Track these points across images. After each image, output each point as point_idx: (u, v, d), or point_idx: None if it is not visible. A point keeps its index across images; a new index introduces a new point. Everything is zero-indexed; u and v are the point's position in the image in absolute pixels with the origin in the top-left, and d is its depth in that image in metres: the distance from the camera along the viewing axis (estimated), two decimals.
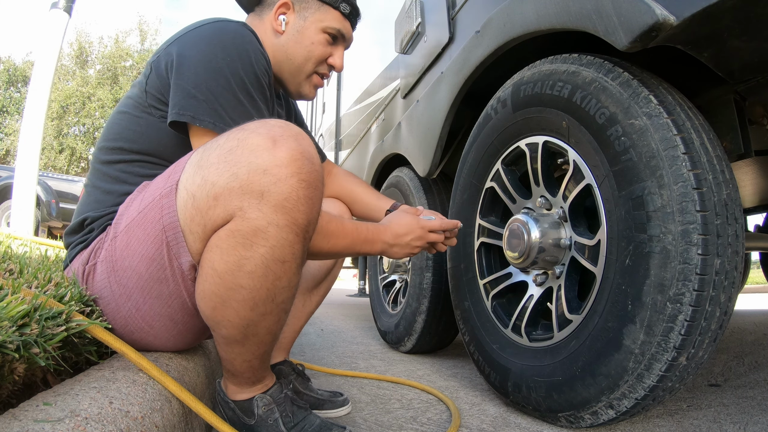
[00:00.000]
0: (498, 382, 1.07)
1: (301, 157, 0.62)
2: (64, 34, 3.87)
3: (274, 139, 0.61)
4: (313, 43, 0.93)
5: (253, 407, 0.75)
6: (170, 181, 0.68)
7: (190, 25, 0.84)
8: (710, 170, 0.74)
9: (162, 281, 0.69)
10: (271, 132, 0.62)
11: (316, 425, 0.78)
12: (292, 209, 0.61)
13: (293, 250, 0.64)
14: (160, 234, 0.67)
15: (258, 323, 0.67)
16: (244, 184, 0.60)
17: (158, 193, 0.68)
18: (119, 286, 0.70)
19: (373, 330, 2.57)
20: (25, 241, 2.28)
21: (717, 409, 1.02)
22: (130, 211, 0.72)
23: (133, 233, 0.69)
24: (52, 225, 5.86)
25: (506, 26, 1.10)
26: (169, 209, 0.66)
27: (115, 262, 0.71)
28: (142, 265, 0.68)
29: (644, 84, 0.80)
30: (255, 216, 0.60)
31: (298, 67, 0.94)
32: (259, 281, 0.63)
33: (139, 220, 0.69)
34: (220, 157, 0.62)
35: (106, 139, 0.84)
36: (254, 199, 0.60)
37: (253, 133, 0.62)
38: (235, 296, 0.63)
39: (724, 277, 0.72)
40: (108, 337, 0.62)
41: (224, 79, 0.76)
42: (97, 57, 17.32)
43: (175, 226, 0.65)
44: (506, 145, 1.13)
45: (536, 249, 0.99)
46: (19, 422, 0.40)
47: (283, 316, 0.70)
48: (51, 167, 15.78)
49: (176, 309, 0.71)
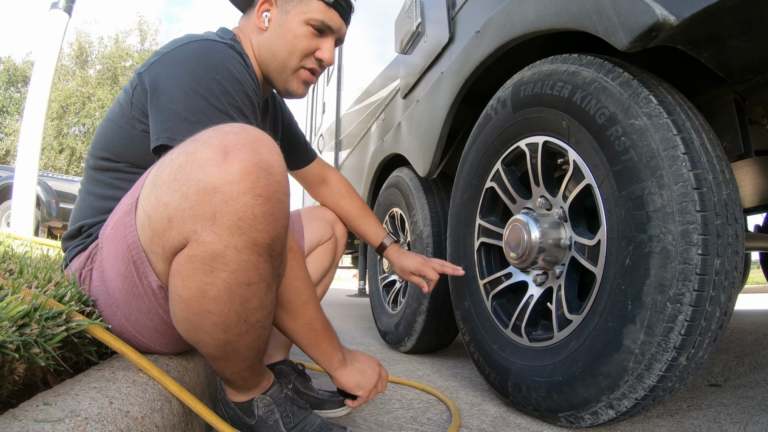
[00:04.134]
0: (498, 382, 1.07)
1: (255, 170, 0.55)
2: (64, 34, 3.87)
3: (226, 150, 0.55)
4: (296, 36, 0.88)
5: (253, 408, 0.75)
6: (132, 197, 0.65)
7: (178, 39, 0.81)
8: (710, 170, 0.74)
9: (138, 297, 0.68)
10: (223, 142, 0.56)
11: (316, 425, 0.78)
12: (250, 229, 0.56)
13: (258, 271, 0.59)
14: (126, 253, 0.65)
15: (236, 342, 0.64)
16: (195, 205, 0.55)
17: (123, 210, 0.66)
18: (108, 295, 0.70)
19: (373, 330, 2.57)
20: (25, 241, 2.28)
21: (717, 409, 1.02)
22: (110, 221, 0.71)
23: (110, 248, 0.68)
24: (52, 225, 5.85)
25: (506, 26, 1.10)
26: (130, 228, 0.64)
27: (103, 272, 0.70)
28: (119, 281, 0.67)
29: (644, 84, 0.80)
30: (210, 240, 0.55)
31: (282, 62, 0.90)
32: (226, 306, 0.60)
33: (111, 235, 0.68)
34: (171, 175, 0.57)
35: (95, 146, 0.83)
36: (207, 221, 0.55)
37: (203, 145, 0.56)
38: (205, 321, 0.61)
39: (724, 277, 0.72)
40: (108, 338, 0.62)
41: (209, 95, 0.72)
42: (97, 57, 17.34)
43: (137, 246, 0.63)
44: (506, 145, 1.13)
45: (536, 249, 0.99)
46: (19, 422, 0.40)
47: (264, 332, 0.68)
48: (51, 167, 15.78)
49: (158, 322, 0.71)
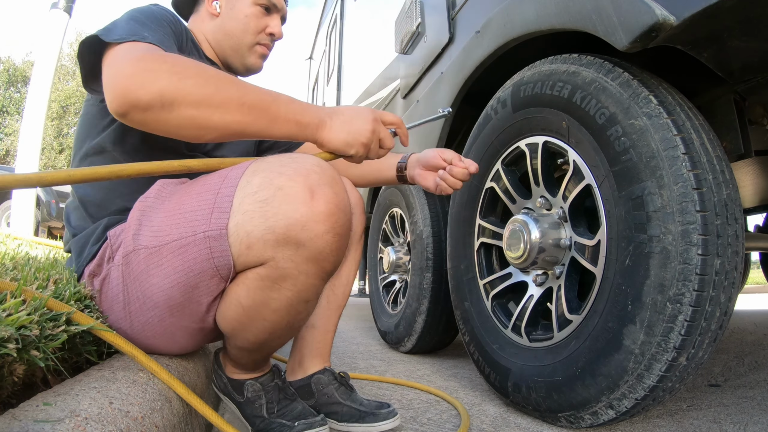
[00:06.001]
0: (498, 382, 1.07)
1: (337, 211, 0.62)
2: (64, 34, 3.88)
3: (312, 189, 0.60)
4: (247, 16, 0.95)
5: (243, 389, 0.81)
6: (217, 221, 0.64)
7: None
8: (710, 170, 0.74)
9: (179, 308, 0.70)
10: (308, 180, 0.61)
11: (296, 412, 0.81)
12: (324, 261, 0.63)
13: (317, 291, 0.68)
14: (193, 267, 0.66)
15: (272, 342, 0.73)
16: (280, 237, 0.60)
17: (202, 232, 0.64)
18: (139, 295, 0.69)
19: (373, 330, 2.57)
20: (24, 241, 2.28)
21: (717, 409, 1.02)
22: (155, 224, 0.68)
23: (165, 257, 0.67)
24: (52, 225, 5.86)
25: (506, 26, 1.10)
26: (221, 251, 0.64)
27: (133, 274, 0.69)
28: (168, 292, 0.68)
29: (644, 84, 0.80)
30: (287, 266, 0.62)
31: (238, 40, 0.96)
32: (282, 316, 0.68)
33: (174, 248, 0.66)
34: (255, 206, 0.61)
35: (74, 148, 0.86)
36: (289, 250, 0.61)
37: (289, 180, 0.61)
38: (257, 325, 0.69)
39: (724, 277, 0.72)
40: (119, 341, 0.62)
41: (126, 16, 0.75)
42: None
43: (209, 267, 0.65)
44: (506, 145, 1.13)
45: (536, 249, 0.99)
46: (19, 422, 0.40)
47: (295, 333, 0.75)
48: (51, 167, 15.77)
49: (178, 331, 0.73)
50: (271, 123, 0.67)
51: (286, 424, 0.77)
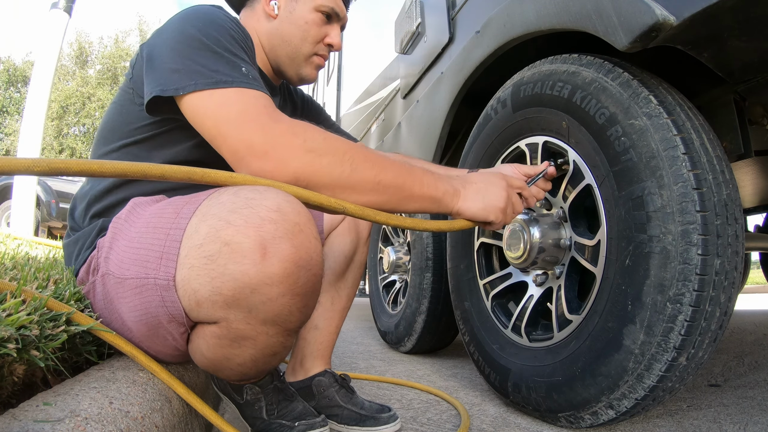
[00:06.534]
0: (498, 383, 1.07)
1: (296, 270, 0.53)
2: (64, 34, 3.88)
3: (264, 246, 0.52)
4: (307, 23, 0.89)
5: (242, 391, 0.79)
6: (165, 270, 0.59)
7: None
8: (710, 170, 0.74)
9: (155, 336, 0.66)
10: (260, 233, 0.52)
11: (296, 412, 0.80)
12: (284, 322, 0.57)
13: (286, 345, 0.63)
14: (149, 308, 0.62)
15: (251, 373, 0.70)
16: (229, 300, 0.54)
17: (152, 278, 0.60)
18: (116, 316, 0.68)
19: (373, 330, 2.57)
20: (24, 241, 2.28)
21: (717, 409, 1.01)
22: (120, 252, 0.65)
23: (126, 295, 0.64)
24: (52, 225, 5.85)
25: (506, 26, 1.10)
26: (172, 302, 0.61)
27: (109, 295, 0.67)
28: (141, 324, 0.65)
29: (644, 84, 0.80)
30: (242, 327, 0.57)
31: (295, 48, 0.91)
32: (250, 367, 0.65)
33: (134, 285, 0.63)
34: (200, 261, 0.54)
35: (97, 136, 0.83)
36: (241, 313, 0.55)
37: (238, 234, 0.52)
38: (227, 368, 0.66)
39: (724, 277, 0.72)
40: (119, 341, 0.62)
41: (197, 42, 0.67)
42: (97, 57, 17.35)
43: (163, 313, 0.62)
44: (506, 145, 1.13)
45: (536, 249, 0.99)
46: (19, 422, 0.40)
47: (282, 359, 0.71)
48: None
49: (169, 347, 0.70)
50: (404, 200, 0.66)
51: (286, 425, 0.77)
